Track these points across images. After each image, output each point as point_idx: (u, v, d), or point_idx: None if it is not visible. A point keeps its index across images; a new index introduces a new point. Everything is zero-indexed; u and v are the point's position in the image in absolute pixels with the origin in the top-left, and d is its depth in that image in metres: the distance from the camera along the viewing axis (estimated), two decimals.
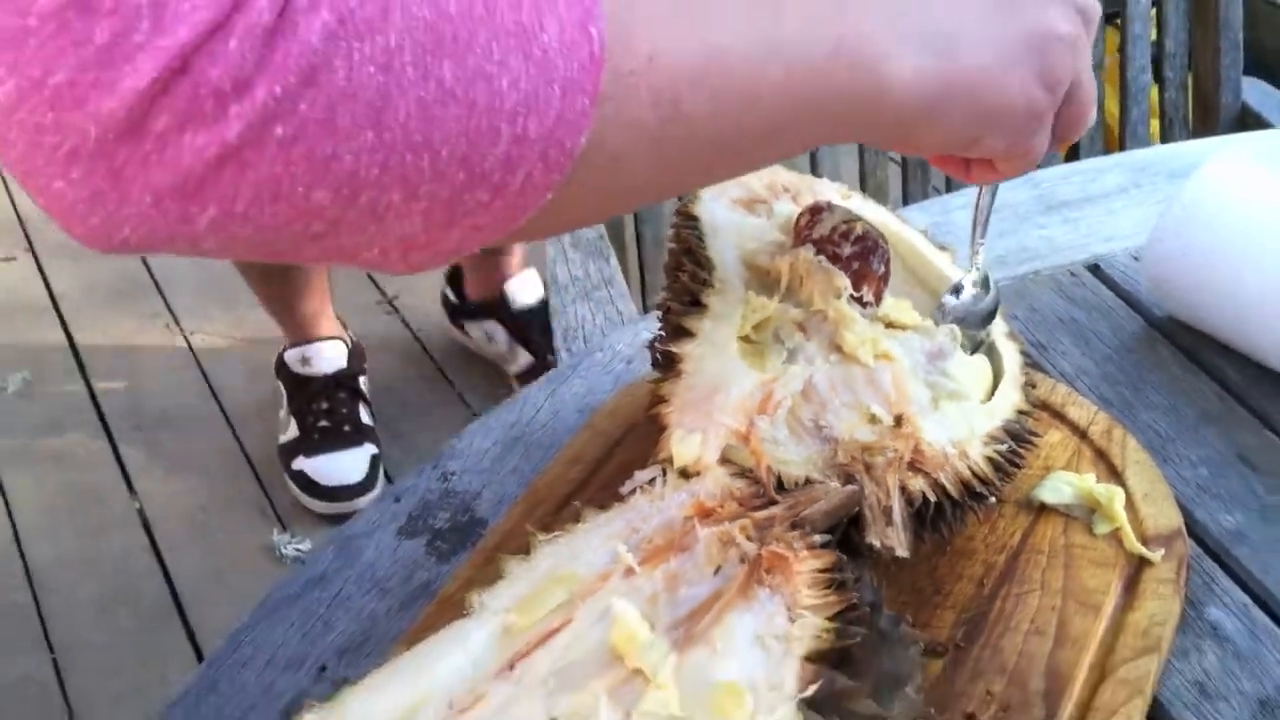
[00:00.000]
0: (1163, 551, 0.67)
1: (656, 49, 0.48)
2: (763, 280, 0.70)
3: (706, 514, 0.55)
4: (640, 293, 1.28)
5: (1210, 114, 1.41)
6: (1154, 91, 1.43)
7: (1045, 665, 0.62)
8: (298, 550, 1.78)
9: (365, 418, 1.90)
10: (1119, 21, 1.41)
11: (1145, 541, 0.67)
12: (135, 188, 0.40)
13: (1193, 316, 0.83)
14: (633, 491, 0.58)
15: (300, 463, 1.82)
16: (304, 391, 1.88)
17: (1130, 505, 0.69)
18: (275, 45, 0.39)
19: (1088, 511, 0.69)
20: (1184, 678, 0.64)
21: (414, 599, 0.68)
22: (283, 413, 1.90)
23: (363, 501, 1.81)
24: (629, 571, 0.53)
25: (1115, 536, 0.68)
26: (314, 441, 1.83)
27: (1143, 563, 0.67)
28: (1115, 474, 0.71)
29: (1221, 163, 0.82)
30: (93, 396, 2.06)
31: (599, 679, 0.50)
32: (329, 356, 1.90)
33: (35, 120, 0.39)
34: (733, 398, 0.61)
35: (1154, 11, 1.42)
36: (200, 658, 1.67)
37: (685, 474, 0.58)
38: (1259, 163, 0.82)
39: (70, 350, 2.14)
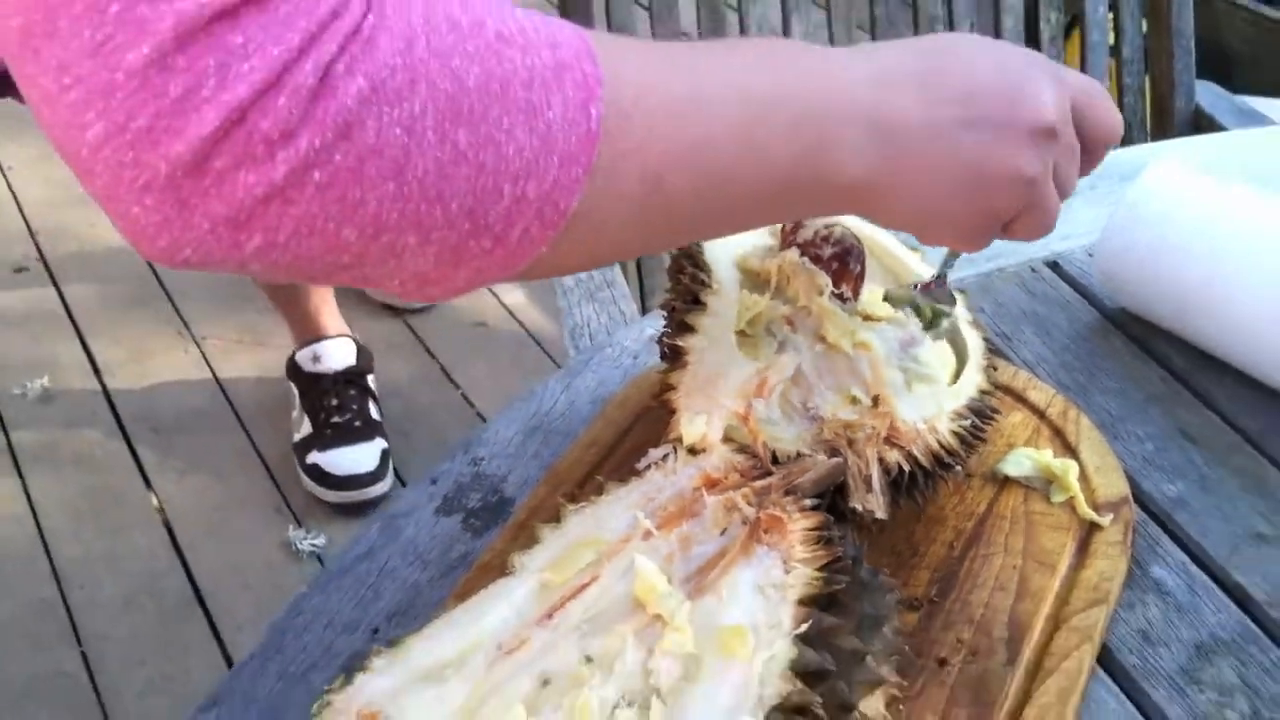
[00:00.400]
0: (1111, 517, 0.76)
1: (648, 135, 0.55)
2: (754, 280, 0.79)
3: (712, 484, 0.64)
4: (639, 293, 1.37)
5: (1166, 116, 1.50)
6: (1113, 95, 1.52)
7: (1008, 616, 0.71)
8: (313, 545, 1.86)
9: (375, 414, 1.98)
10: (1080, 29, 1.50)
11: (1096, 508, 0.76)
12: (196, 216, 0.47)
13: (1141, 308, 0.92)
14: (648, 467, 0.67)
15: (314, 457, 1.91)
16: (315, 388, 1.96)
17: (1083, 477, 0.78)
18: (317, 104, 0.47)
19: (1045, 483, 0.78)
20: (1129, 627, 0.72)
21: (452, 569, 0.76)
22: (295, 412, 1.99)
23: (373, 491, 1.89)
24: (647, 534, 0.62)
25: (1070, 504, 0.77)
26: (327, 437, 1.91)
27: (1094, 527, 0.76)
28: (1070, 449, 0.80)
29: (1162, 169, 0.91)
30: (109, 401, 2.13)
31: (625, 623, 0.59)
32: (338, 354, 1.98)
33: (118, 157, 0.46)
34: (732, 384, 0.70)
35: (1111, 18, 1.51)
36: (223, 648, 1.75)
37: (693, 451, 0.67)
38: (1196, 168, 0.92)
39: (86, 356, 2.22)
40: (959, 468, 0.74)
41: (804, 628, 0.57)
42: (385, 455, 1.93)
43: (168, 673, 1.72)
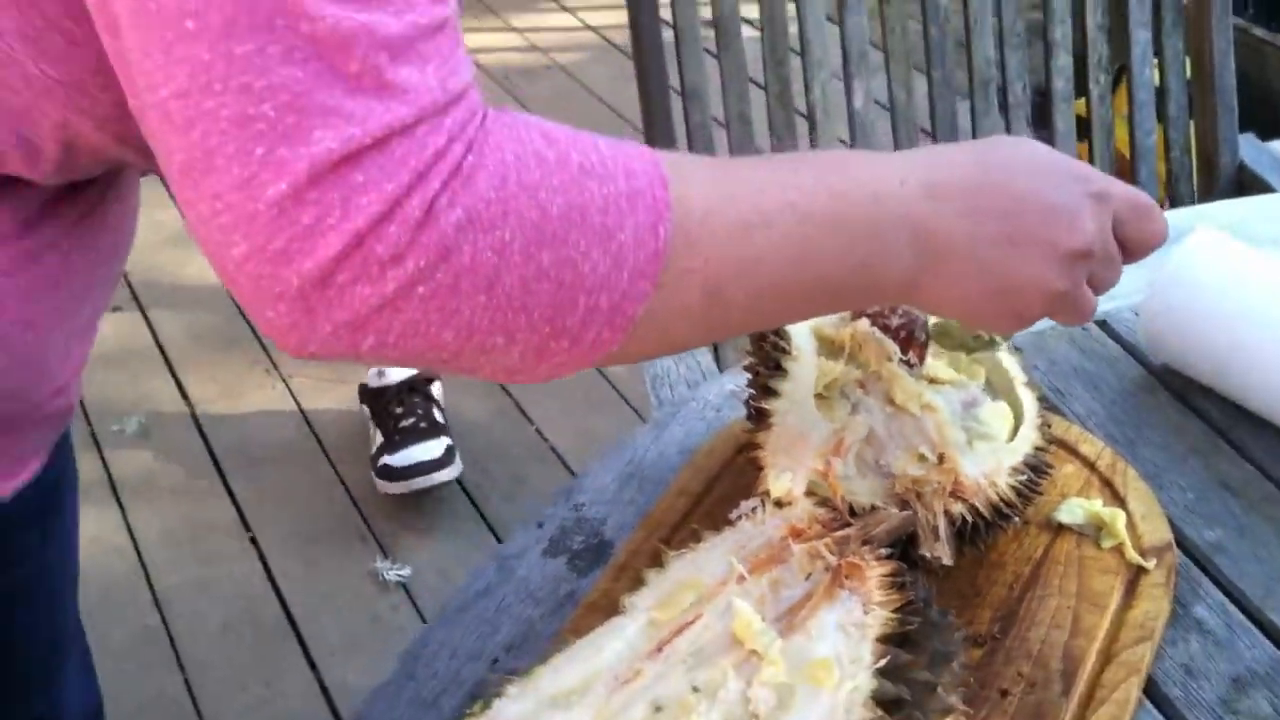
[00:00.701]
0: (1156, 561, 0.84)
1: (710, 253, 0.62)
2: (830, 348, 0.88)
3: (798, 534, 0.73)
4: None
5: (1211, 170, 1.57)
6: (1159, 150, 1.60)
7: (1063, 651, 0.78)
8: (399, 575, 1.96)
9: (440, 418, 2.10)
10: (1127, 88, 1.58)
11: (1142, 553, 0.84)
12: (321, 321, 0.56)
13: (1182, 365, 1.00)
14: (740, 518, 0.76)
15: (384, 459, 2.03)
16: (381, 400, 2.10)
17: (1130, 524, 0.86)
18: (423, 232, 0.55)
19: (1096, 530, 0.86)
20: (1173, 661, 0.80)
21: (560, 606, 0.85)
22: (370, 429, 2.11)
23: (439, 476, 2.01)
24: (741, 579, 0.71)
25: (1118, 550, 0.85)
26: (395, 441, 2.04)
27: (1140, 570, 0.83)
28: (1118, 499, 0.88)
29: (1202, 236, 0.99)
30: (202, 435, 2.26)
31: (725, 657, 0.68)
32: (400, 368, 2.10)
33: (258, 272, 0.55)
34: (813, 444, 0.79)
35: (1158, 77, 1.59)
36: (316, 673, 1.86)
37: (779, 504, 0.76)
38: (1233, 235, 1.00)
39: (179, 393, 2.34)
40: (1017, 518, 0.82)
41: (883, 662, 0.65)
42: (451, 450, 2.05)
43: (265, 696, 1.83)
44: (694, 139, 1.46)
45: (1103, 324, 1.07)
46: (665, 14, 1.46)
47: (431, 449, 2.02)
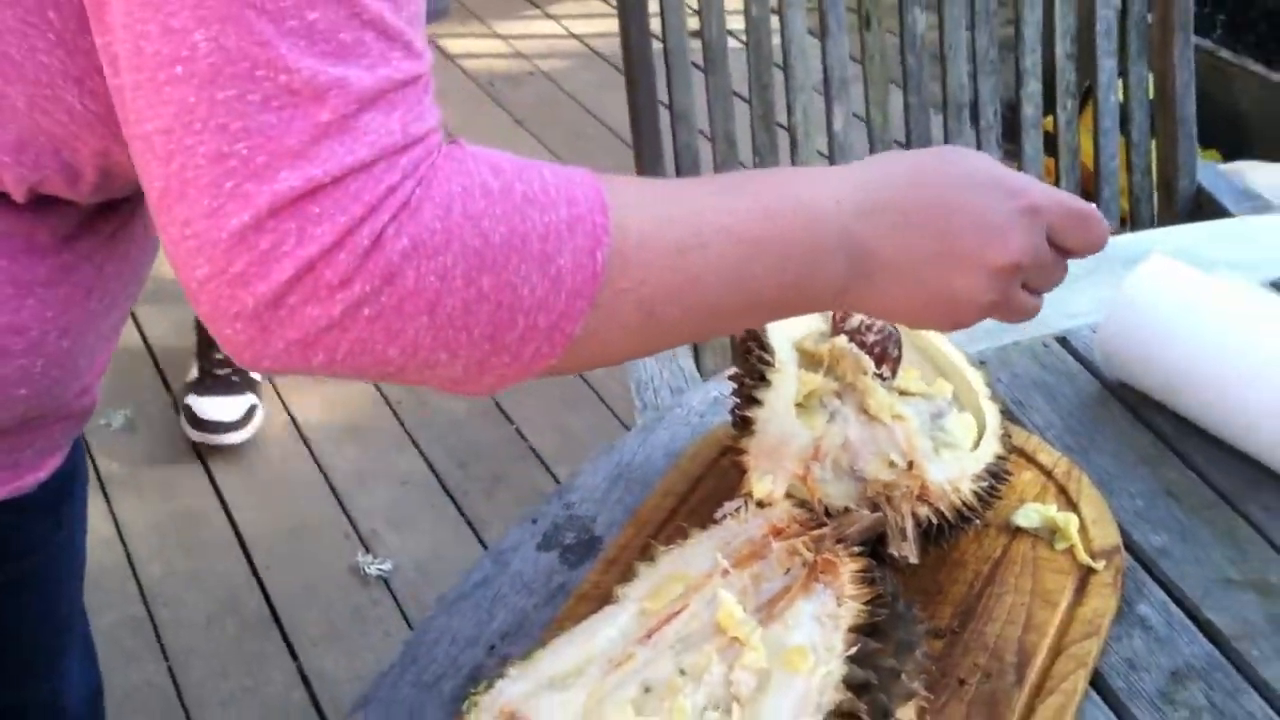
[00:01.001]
0: (1105, 563, 0.90)
1: (645, 275, 0.67)
2: (809, 360, 0.94)
3: (778, 533, 0.79)
4: (693, 347, 1.52)
5: (1171, 194, 1.65)
6: (1122, 174, 1.67)
7: (1017, 645, 0.84)
8: (380, 570, 2.02)
9: (254, 374, 2.22)
10: (1093, 115, 1.66)
11: (1093, 555, 0.91)
12: (274, 338, 0.61)
13: (1135, 381, 1.07)
14: (724, 516, 0.82)
15: (189, 398, 2.20)
16: (206, 337, 2.21)
17: (1082, 528, 0.93)
18: (369, 258, 0.60)
19: (1050, 532, 0.93)
20: (1117, 655, 0.87)
21: (553, 597, 0.91)
22: (192, 358, 2.26)
23: (230, 438, 2.19)
24: (726, 572, 0.77)
25: (1070, 552, 0.91)
26: (205, 384, 2.19)
27: (1090, 571, 0.90)
28: (1072, 504, 0.95)
29: (1155, 262, 1.06)
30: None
31: (710, 644, 0.74)
32: None
33: (218, 293, 0.60)
34: (793, 449, 0.86)
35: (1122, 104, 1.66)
36: (298, 663, 1.91)
37: (761, 504, 0.83)
38: (1185, 261, 1.07)
39: (165, 388, 2.39)
40: (978, 520, 0.89)
41: (853, 650, 0.72)
42: (252, 409, 2.20)
43: (247, 685, 1.88)
44: (681, 156, 1.53)
45: (1063, 340, 1.14)
46: (654, 24, 1.51)
47: (232, 408, 2.18)
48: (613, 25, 1.53)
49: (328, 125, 0.60)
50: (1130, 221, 1.69)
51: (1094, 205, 0.79)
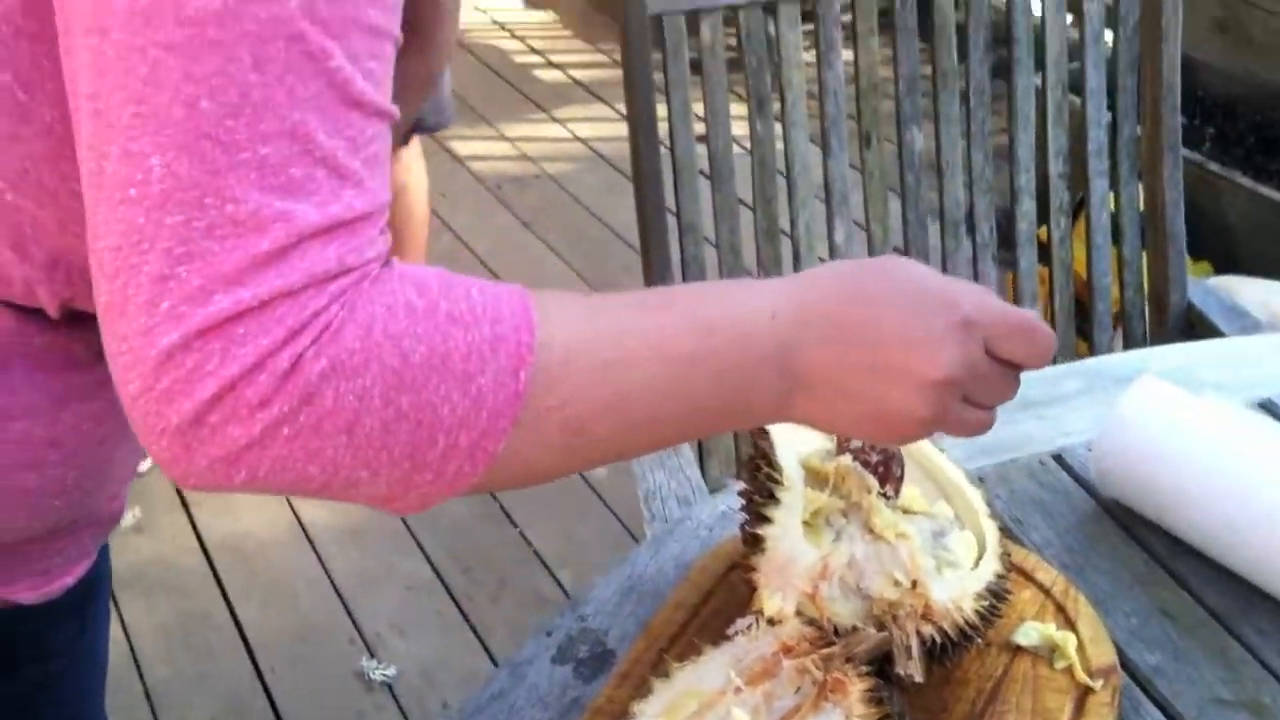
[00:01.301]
0: (1102, 681, 0.93)
1: (572, 394, 0.67)
2: (816, 479, 0.98)
3: (788, 650, 0.82)
4: (698, 458, 1.56)
5: (1163, 309, 1.70)
6: (1114, 290, 1.73)
7: None
8: (384, 675, 2.03)
9: None
10: (1086, 233, 1.71)
11: (1090, 674, 0.93)
12: (197, 456, 0.62)
13: (1129, 500, 1.10)
14: (736, 633, 0.85)
15: None
16: None
17: (1080, 647, 0.95)
18: (288, 380, 0.61)
19: (1050, 651, 0.96)
20: None
21: (567, 711, 0.94)
22: None
23: None
24: (738, 690, 0.80)
25: (1069, 670, 0.94)
26: None
27: (1088, 690, 0.92)
28: (1070, 623, 0.98)
29: (1146, 384, 1.10)
30: (196, 531, 2.32)
31: None
32: None
33: (147, 408, 0.62)
34: (802, 568, 0.89)
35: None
36: None
37: (771, 622, 0.86)
38: (1176, 383, 1.11)
39: (174, 489, 2.41)
40: (979, 639, 0.92)
41: None
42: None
43: None
44: (688, 265, 1.58)
45: (1059, 458, 1.18)
46: (661, 129, 1.56)
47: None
48: (617, 130, 1.59)
49: (266, 255, 0.62)
50: (1124, 336, 1.74)
51: (1033, 314, 0.77)
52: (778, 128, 1.58)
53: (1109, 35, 1.69)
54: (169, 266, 0.61)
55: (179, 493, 2.40)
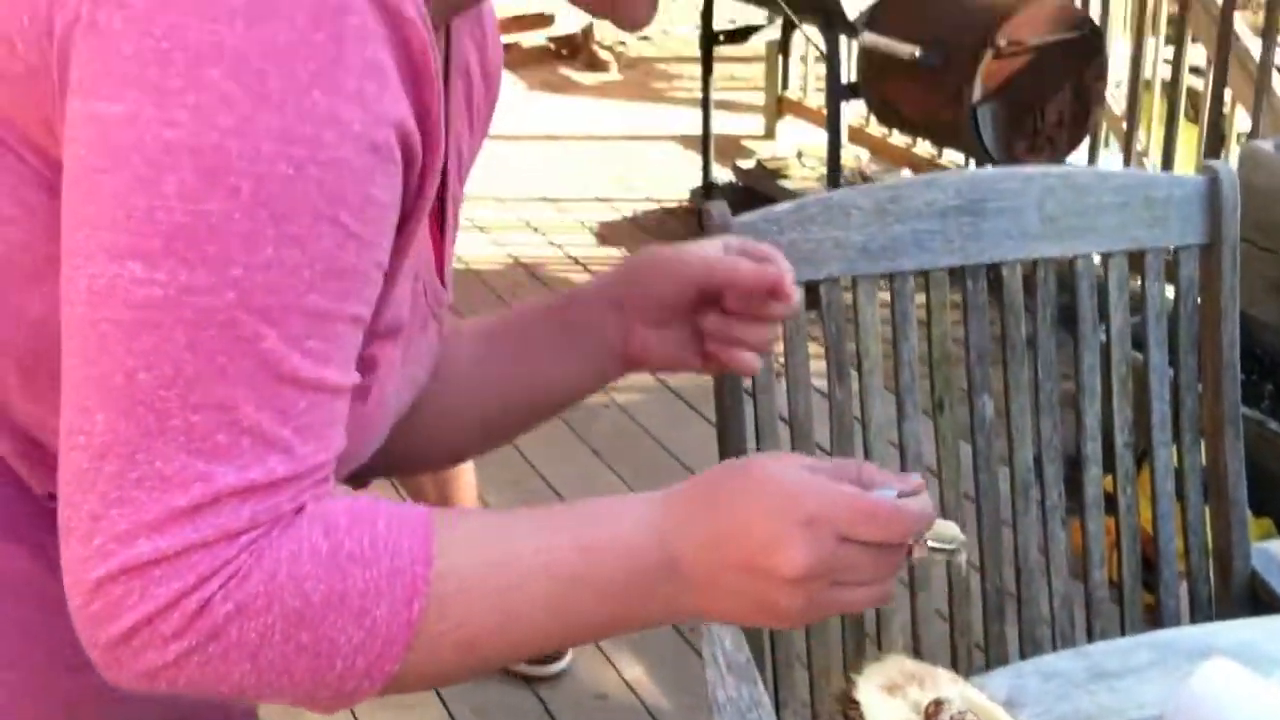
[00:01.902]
0: None
1: (464, 617, 0.77)
2: None
3: None
4: (774, 694, 1.60)
5: (1227, 575, 1.75)
6: (1179, 555, 1.78)
7: None
8: None
9: None
10: (1151, 498, 1.78)
11: None
12: (123, 672, 0.75)
13: None
14: None
15: None
16: None
17: None
18: (197, 619, 0.73)
19: None
20: None
21: None
22: None
23: None
24: None
25: None
26: None
27: None
28: None
29: (1213, 666, 1.16)
30: None
31: None
32: None
33: (82, 624, 0.74)
34: None
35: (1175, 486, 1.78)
36: None
37: None
38: (1245, 657, 1.17)
39: None
40: None
41: None
42: None
43: None
44: (760, 432, 1.66)
45: None
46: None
47: None
48: None
49: (183, 510, 0.72)
50: (1189, 597, 1.79)
51: (883, 497, 0.80)
52: (855, 385, 1.69)
53: (1168, 307, 1.79)
54: (103, 508, 0.72)
55: None
